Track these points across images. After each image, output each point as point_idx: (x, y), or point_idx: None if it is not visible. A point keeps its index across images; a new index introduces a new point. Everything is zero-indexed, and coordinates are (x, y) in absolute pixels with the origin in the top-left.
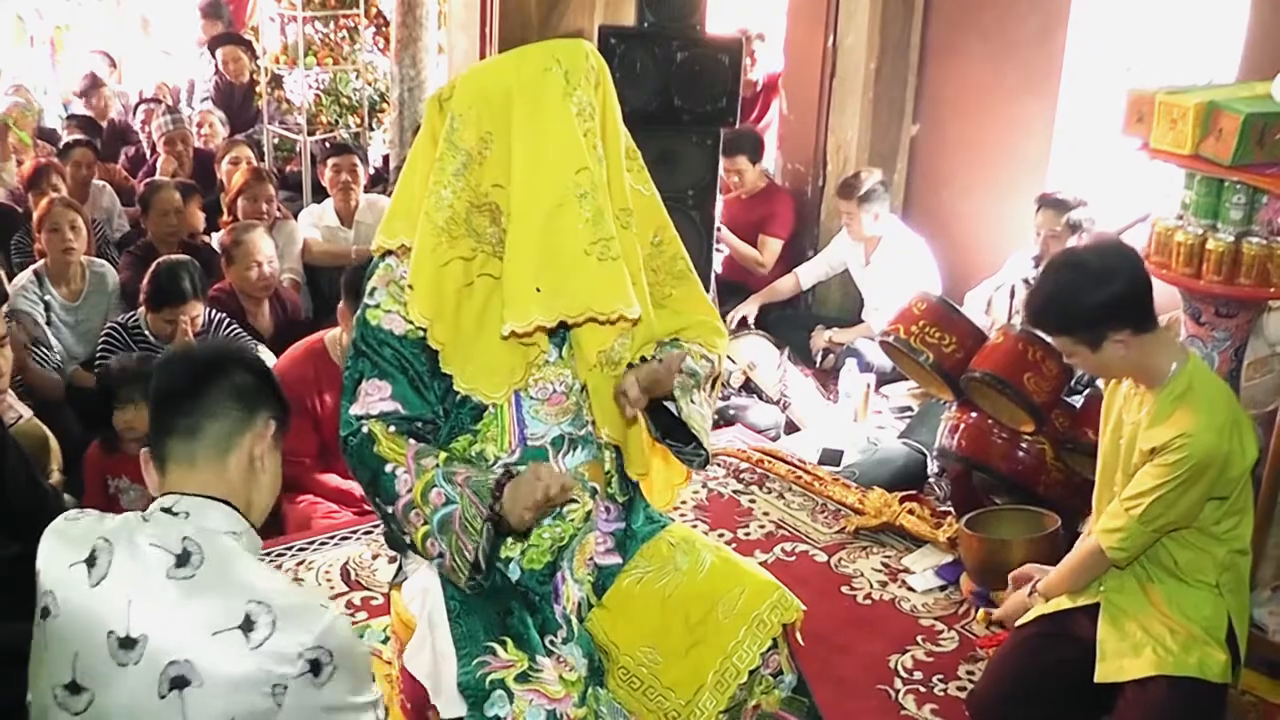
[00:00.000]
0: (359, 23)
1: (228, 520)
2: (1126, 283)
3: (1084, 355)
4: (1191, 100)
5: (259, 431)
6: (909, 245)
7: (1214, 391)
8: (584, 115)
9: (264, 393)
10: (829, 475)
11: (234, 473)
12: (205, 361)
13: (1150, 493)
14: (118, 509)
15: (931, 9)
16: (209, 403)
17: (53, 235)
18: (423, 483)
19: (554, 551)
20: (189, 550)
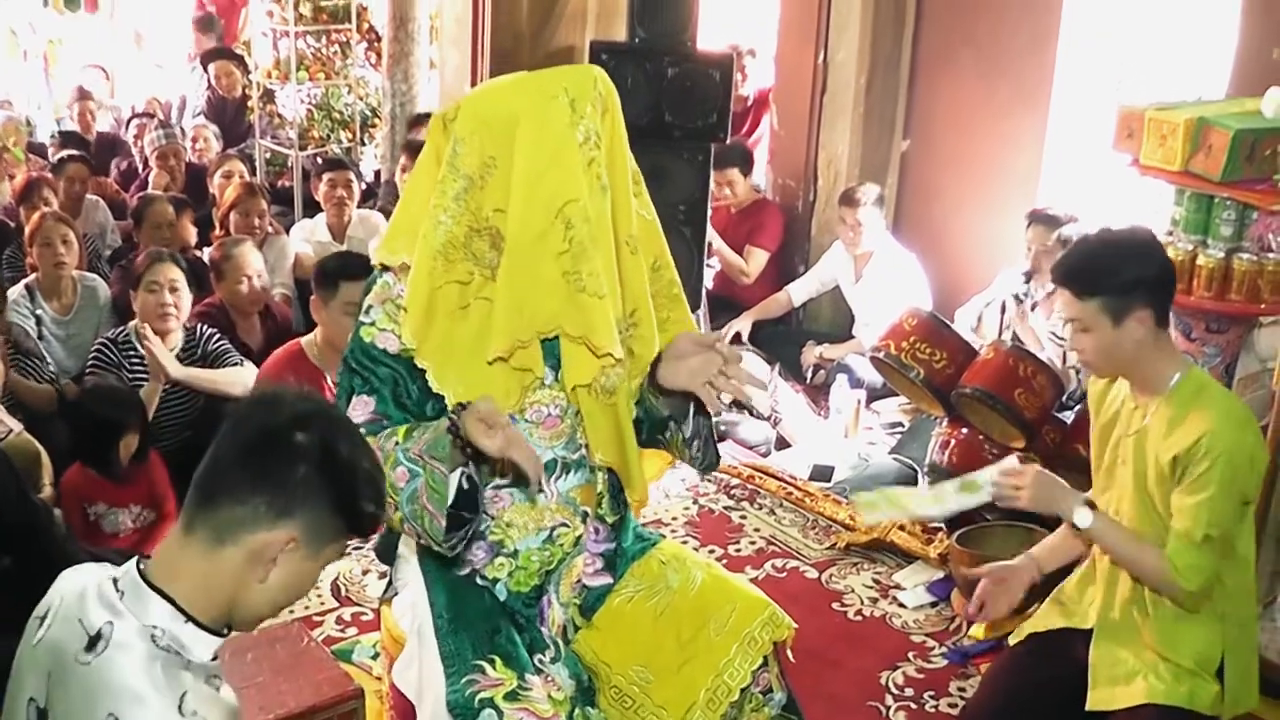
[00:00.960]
0: (351, 37)
1: (160, 616)
2: (1161, 265)
3: (1101, 331)
4: (1181, 116)
5: (273, 539)
6: (900, 261)
7: (1223, 391)
8: (589, 144)
9: (310, 497)
10: (820, 491)
11: (224, 565)
12: (277, 426)
13: (1202, 510)
14: (99, 533)
15: (922, 25)
16: (236, 477)
17: (44, 249)
18: (388, 465)
19: (541, 575)
20: (102, 633)
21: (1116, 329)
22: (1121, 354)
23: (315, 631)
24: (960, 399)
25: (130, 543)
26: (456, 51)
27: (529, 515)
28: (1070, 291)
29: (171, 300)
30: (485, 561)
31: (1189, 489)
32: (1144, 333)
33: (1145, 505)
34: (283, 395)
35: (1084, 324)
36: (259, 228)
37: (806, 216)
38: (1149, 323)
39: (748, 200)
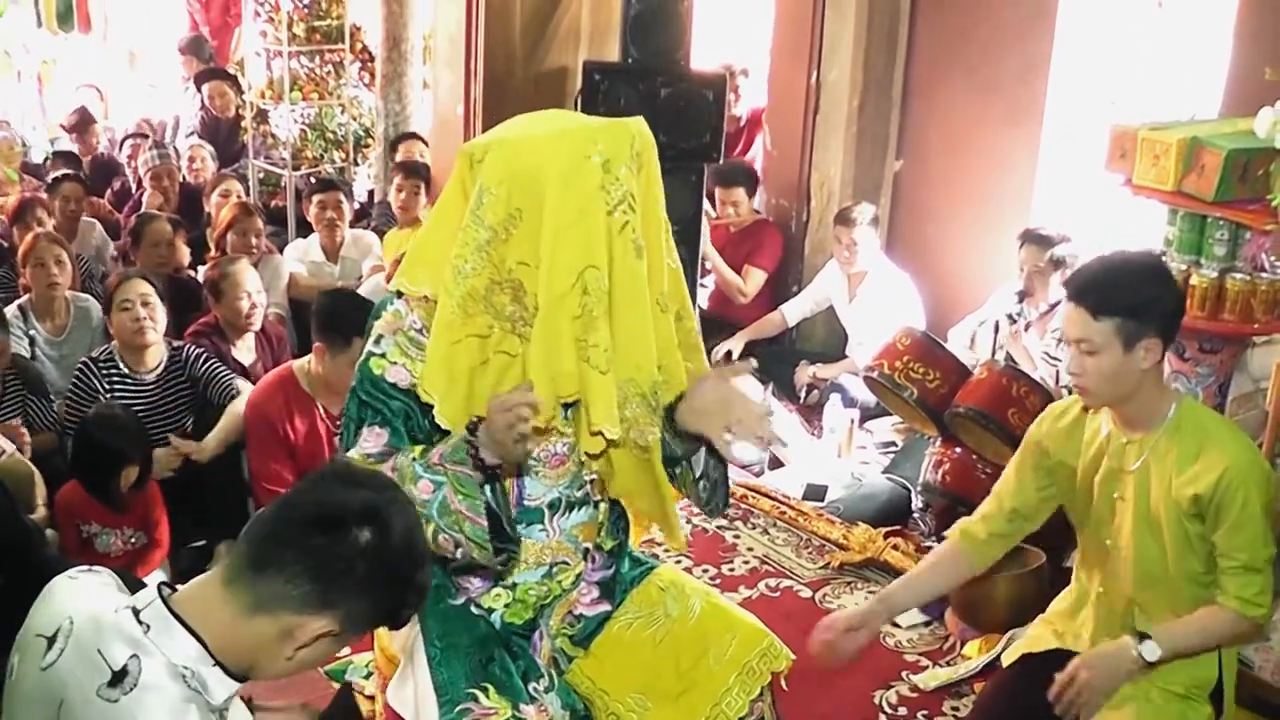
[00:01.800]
0: (344, 58)
1: (188, 656)
2: (1177, 297)
3: (1110, 355)
4: (1174, 136)
5: (311, 626)
6: (893, 281)
7: (1219, 418)
8: (623, 207)
9: (358, 597)
10: (813, 511)
11: (256, 631)
12: (344, 514)
13: (1257, 540)
14: (93, 552)
15: (914, 45)
16: (291, 555)
17: (37, 270)
18: (406, 486)
19: (536, 608)
20: (128, 670)
21: (1126, 354)
22: (1124, 382)
23: None
24: (954, 419)
25: (120, 563)
26: (450, 72)
27: (531, 550)
28: (1085, 309)
29: (145, 314)
30: (482, 591)
31: (1236, 526)
32: (1150, 362)
33: (1150, 537)
34: (359, 477)
35: (1093, 345)
36: (255, 247)
37: (800, 236)
38: (1156, 353)
39: (749, 220)
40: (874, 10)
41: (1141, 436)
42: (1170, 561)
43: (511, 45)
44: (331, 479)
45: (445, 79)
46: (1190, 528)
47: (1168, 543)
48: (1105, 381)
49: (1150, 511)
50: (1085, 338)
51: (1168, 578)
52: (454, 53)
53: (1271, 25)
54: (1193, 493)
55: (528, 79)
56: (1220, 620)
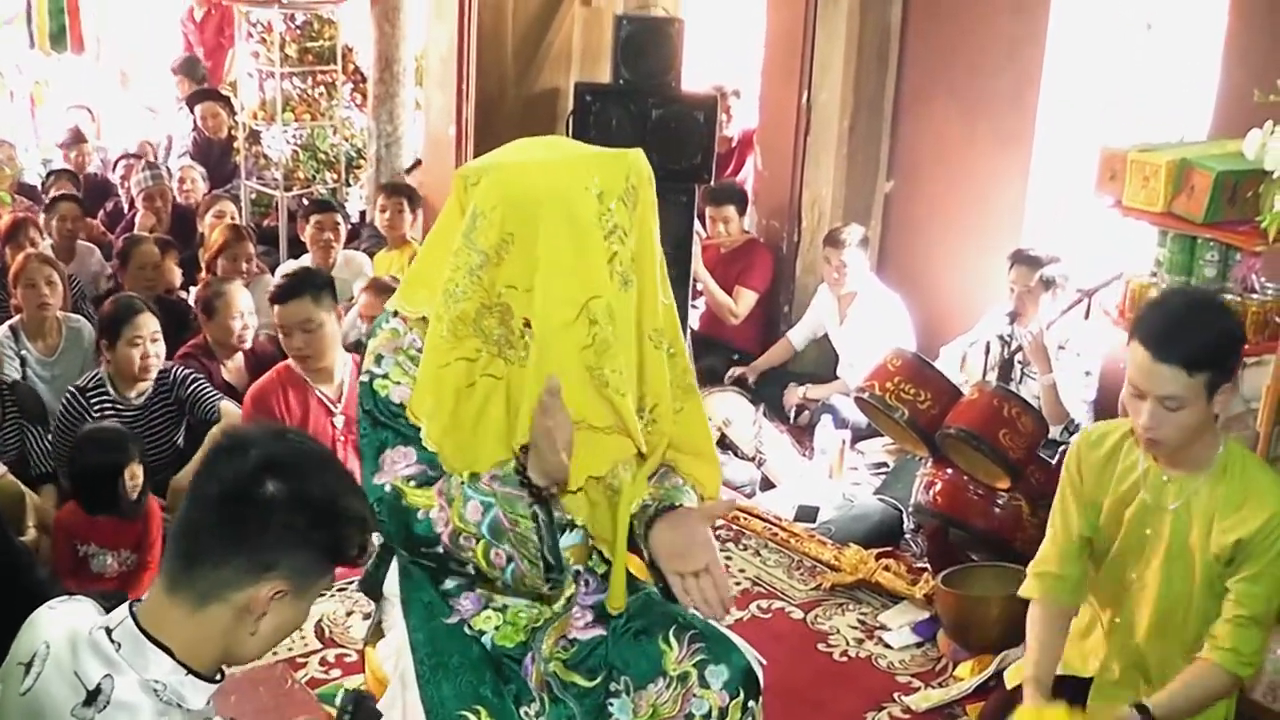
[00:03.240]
0: (336, 79)
1: (160, 670)
2: (1240, 324)
3: (1197, 408)
4: (1163, 158)
5: (259, 595)
6: (884, 301)
7: (1266, 466)
8: (615, 238)
9: (292, 546)
10: (805, 532)
11: (212, 623)
12: (244, 477)
13: (1275, 594)
14: (88, 572)
15: (905, 66)
16: (212, 539)
17: (29, 290)
18: (456, 508)
19: (528, 631)
20: (101, 688)
21: (1209, 405)
22: (1197, 432)
23: (299, 673)
24: (945, 439)
25: (113, 585)
26: (441, 93)
27: None
28: (1178, 366)
29: (154, 350)
30: (473, 613)
31: (1258, 575)
32: (1221, 407)
33: (1178, 578)
34: (247, 439)
35: (1182, 401)
36: (247, 271)
37: (791, 257)
38: (1229, 396)
39: (739, 240)
40: (864, 31)
41: (1184, 475)
42: (1195, 603)
43: (503, 66)
44: (220, 453)
45: (437, 100)
46: (1222, 572)
47: (1197, 585)
48: (1184, 435)
49: (1184, 552)
50: (1173, 395)
51: (1187, 619)
52: (446, 74)
53: (1260, 47)
54: (1235, 539)
55: (519, 100)
56: (1215, 678)
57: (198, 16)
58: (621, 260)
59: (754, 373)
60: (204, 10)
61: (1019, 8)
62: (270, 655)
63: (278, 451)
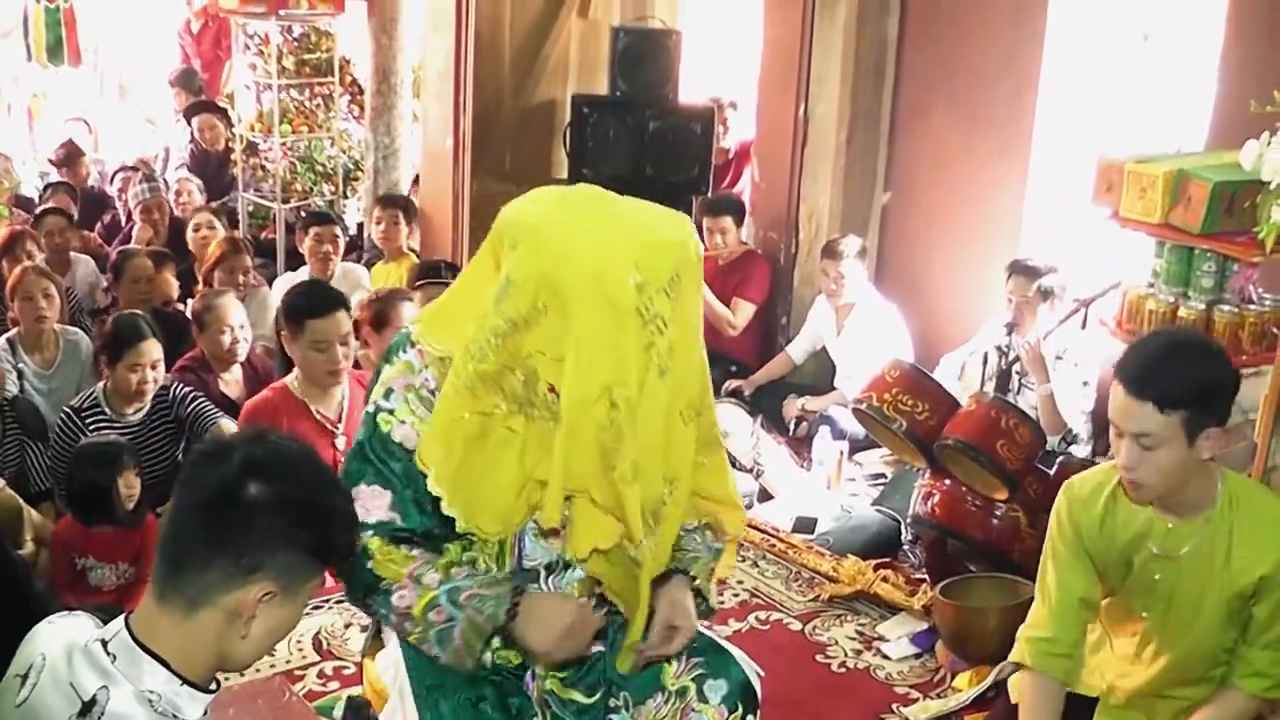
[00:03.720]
0: (334, 91)
1: (156, 680)
2: (1234, 378)
3: (1174, 449)
4: (1160, 169)
5: (247, 598)
6: (881, 312)
7: (1271, 494)
8: (654, 327)
9: (277, 548)
10: (803, 543)
11: (203, 628)
12: (227, 481)
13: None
14: (85, 585)
15: (902, 78)
16: (197, 543)
17: (26, 303)
18: (424, 601)
19: None
20: (97, 699)
21: (1190, 448)
22: (1182, 475)
23: (297, 686)
24: (943, 450)
25: (111, 598)
26: (439, 105)
27: None
28: (1149, 402)
29: (154, 375)
30: None
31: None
32: (1210, 453)
33: (1194, 615)
34: (230, 444)
35: (1156, 440)
36: (244, 284)
37: (788, 268)
38: (1218, 442)
39: (737, 252)
40: (861, 44)
41: (1187, 521)
42: (1215, 639)
43: (500, 78)
44: (203, 459)
45: (434, 112)
46: (1243, 606)
47: (1216, 623)
48: (1163, 477)
49: (1202, 595)
50: (1147, 432)
51: (1205, 653)
52: (443, 86)
53: (1257, 58)
54: (1258, 575)
55: (516, 112)
56: (1240, 709)
57: (195, 28)
58: (659, 350)
59: (751, 386)
60: (201, 22)
61: (1015, 19)
62: (269, 668)
63: (259, 453)
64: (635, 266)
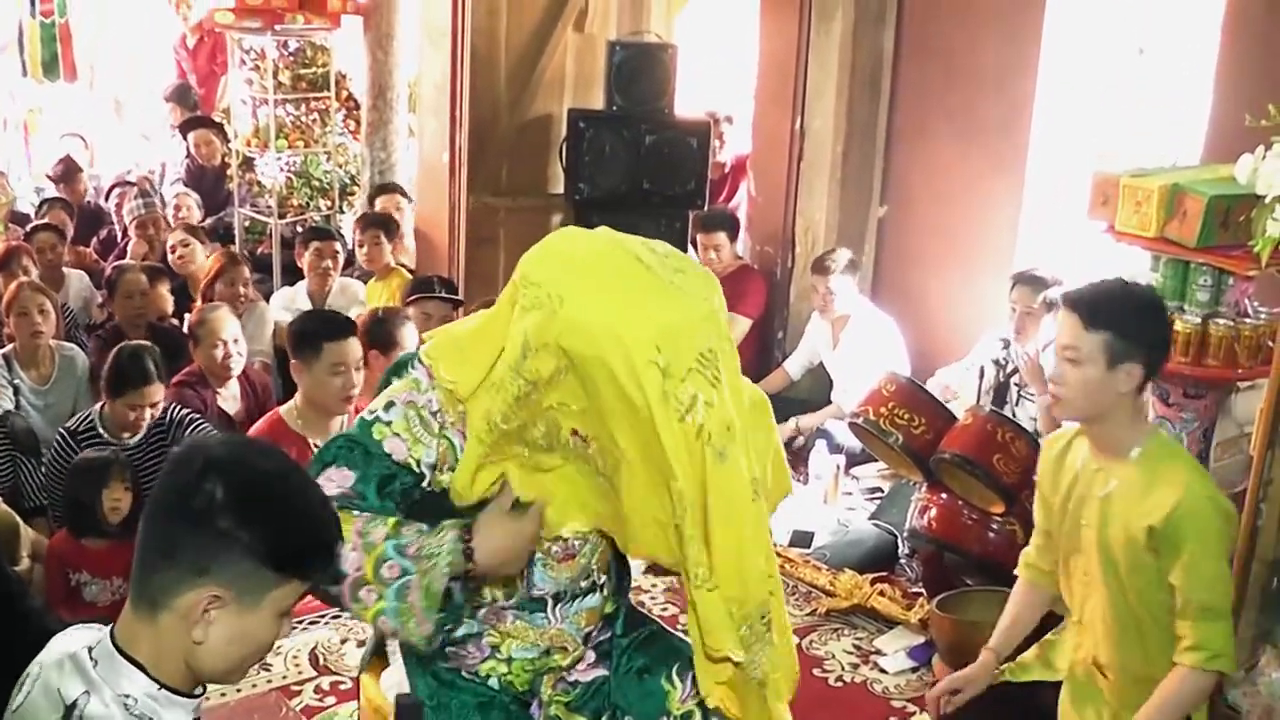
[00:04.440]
0: (330, 105)
1: (134, 685)
2: (1167, 335)
3: (1093, 367)
4: (1156, 183)
5: (195, 600)
6: (877, 326)
7: (1186, 457)
8: (694, 413)
9: (226, 550)
10: (800, 557)
11: (165, 631)
12: (187, 479)
13: (1215, 583)
14: (80, 600)
15: (898, 92)
16: (157, 541)
17: (21, 319)
18: (373, 558)
19: (532, 679)
20: (77, 704)
21: (1108, 371)
22: (1100, 400)
23: (293, 701)
24: (939, 464)
25: (106, 613)
26: (435, 119)
27: (530, 633)
28: (1079, 319)
29: (149, 415)
30: (478, 661)
31: (1191, 564)
32: (1128, 388)
33: (1109, 569)
34: (200, 445)
35: (1079, 355)
36: (243, 297)
37: (785, 283)
38: (1136, 380)
39: (732, 267)
40: (857, 58)
41: (1110, 461)
42: (1134, 594)
43: (496, 93)
44: (173, 463)
45: (430, 126)
46: (1149, 560)
47: (1125, 574)
48: (1082, 394)
49: (1112, 542)
50: (1073, 345)
51: (1133, 610)
52: (439, 100)
53: (1252, 72)
54: (1148, 525)
55: (513, 126)
56: (1188, 685)
57: (190, 44)
58: (712, 432)
59: None
60: (197, 37)
61: (1011, 33)
62: (265, 683)
63: (220, 454)
64: (656, 350)
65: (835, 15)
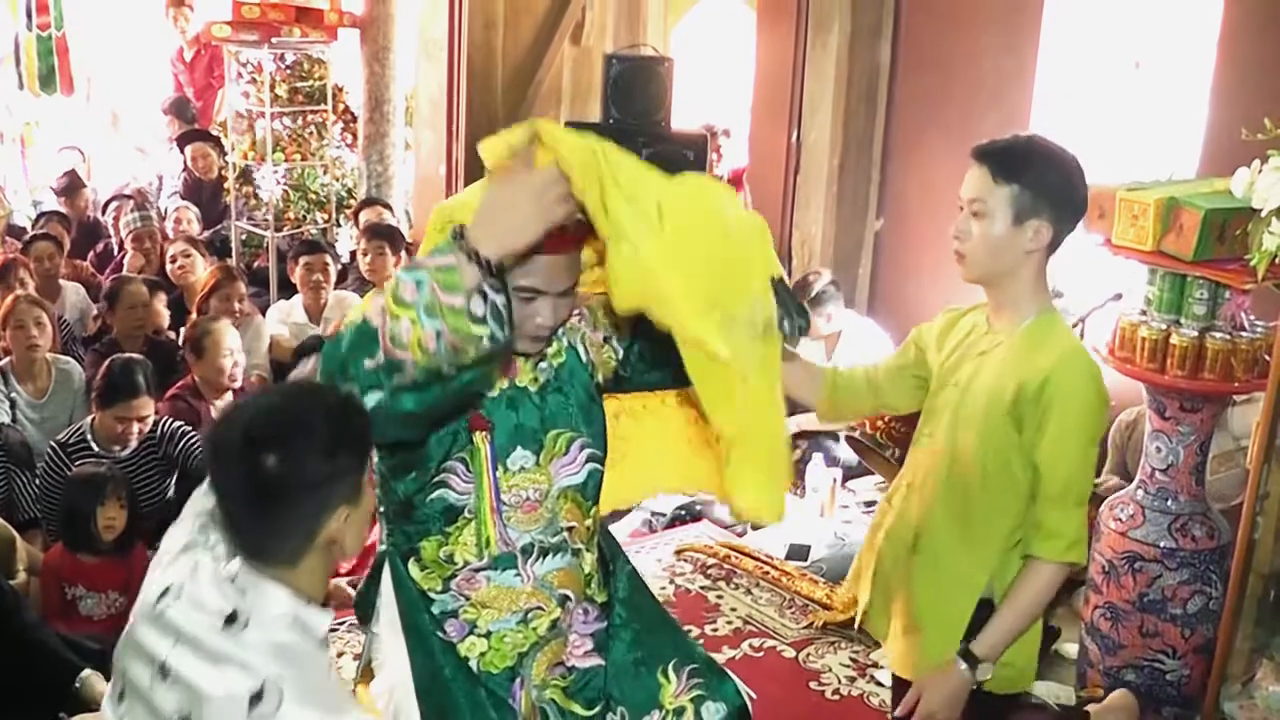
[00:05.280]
0: (327, 119)
1: (283, 603)
2: (1082, 196)
3: (998, 222)
4: (1152, 196)
5: (334, 529)
6: (871, 339)
7: (1075, 339)
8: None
9: (336, 484)
10: (796, 570)
11: (308, 569)
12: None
13: (1077, 465)
14: (76, 614)
15: (894, 106)
16: (267, 528)
17: (17, 332)
18: (391, 295)
19: (514, 657)
20: (238, 614)
21: (1014, 228)
22: (1003, 259)
23: None
24: None
25: (102, 627)
26: (431, 133)
27: (505, 596)
28: (987, 170)
29: (139, 428)
30: (458, 639)
31: (1058, 439)
32: (1034, 248)
33: (961, 430)
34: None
35: (984, 208)
36: (240, 311)
37: None
38: (1044, 240)
39: None
40: (853, 71)
41: (1002, 331)
42: (975, 464)
43: (493, 106)
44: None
45: (427, 140)
46: (1005, 427)
47: (976, 437)
48: (986, 250)
49: (972, 401)
50: (979, 198)
51: (966, 484)
52: (436, 114)
53: (1248, 85)
54: (1015, 383)
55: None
56: (1044, 580)
57: (188, 57)
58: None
59: None
60: (194, 51)
61: (1007, 46)
62: None
63: (247, 422)
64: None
65: (832, 28)
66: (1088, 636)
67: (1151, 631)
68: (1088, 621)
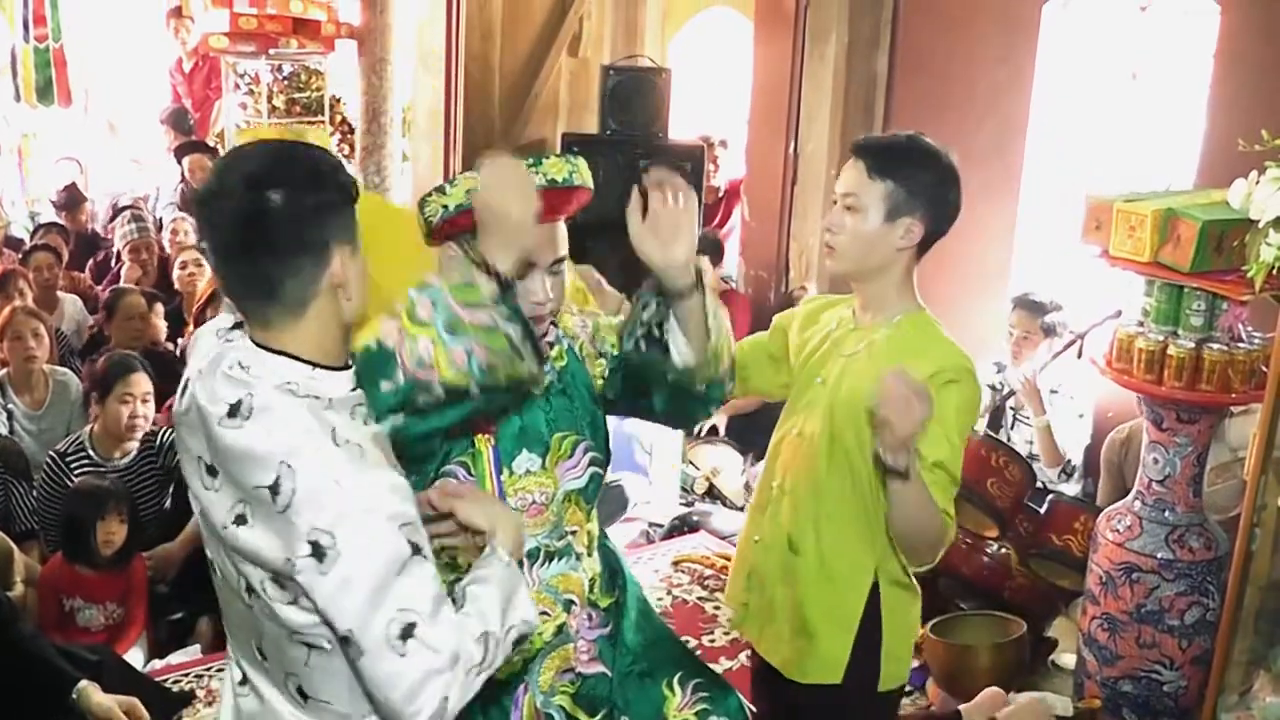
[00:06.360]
0: (324, 129)
1: (293, 372)
2: (956, 199)
3: (870, 218)
4: (1149, 208)
5: (335, 269)
6: None
7: (947, 336)
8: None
9: (330, 215)
10: None
11: (319, 315)
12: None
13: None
14: (73, 625)
15: (891, 117)
16: (266, 268)
17: (15, 343)
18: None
19: (520, 664)
20: (243, 402)
21: (886, 224)
22: (874, 255)
23: None
24: None
25: (100, 638)
26: (429, 144)
27: None
28: (865, 165)
29: (143, 412)
30: None
31: (935, 437)
32: (905, 245)
33: (833, 429)
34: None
35: (859, 203)
36: None
37: (779, 307)
38: (915, 239)
39: (717, 291)
40: (851, 82)
41: (869, 329)
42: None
43: (490, 118)
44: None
45: (424, 151)
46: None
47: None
48: (857, 245)
49: (841, 402)
50: (854, 192)
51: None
52: (433, 125)
53: (1245, 97)
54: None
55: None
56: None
57: (186, 68)
58: None
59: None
60: (192, 61)
61: (1004, 57)
62: None
63: (252, 168)
64: None
65: (829, 39)
66: (1085, 647)
67: (1149, 642)
68: (1085, 632)
